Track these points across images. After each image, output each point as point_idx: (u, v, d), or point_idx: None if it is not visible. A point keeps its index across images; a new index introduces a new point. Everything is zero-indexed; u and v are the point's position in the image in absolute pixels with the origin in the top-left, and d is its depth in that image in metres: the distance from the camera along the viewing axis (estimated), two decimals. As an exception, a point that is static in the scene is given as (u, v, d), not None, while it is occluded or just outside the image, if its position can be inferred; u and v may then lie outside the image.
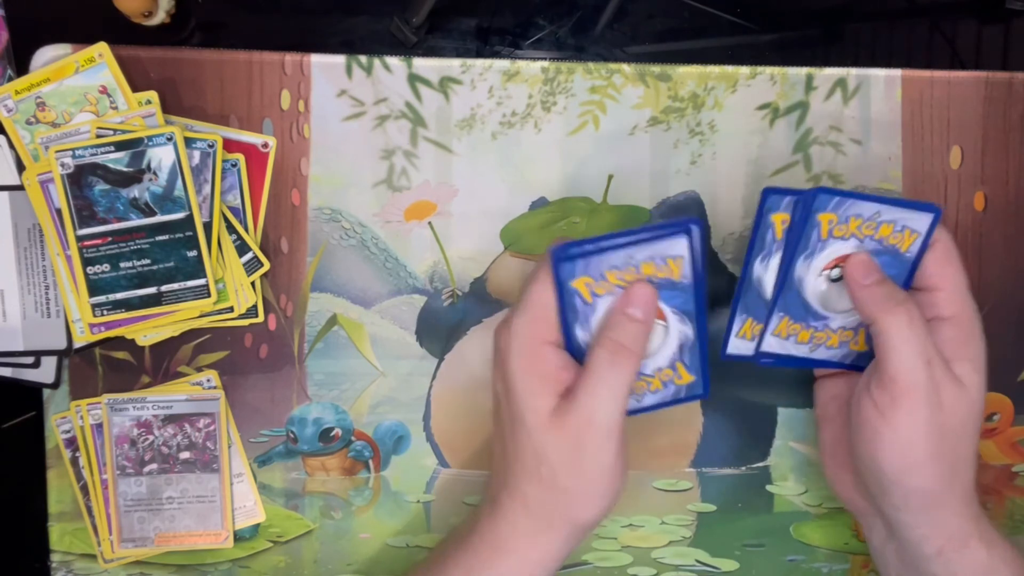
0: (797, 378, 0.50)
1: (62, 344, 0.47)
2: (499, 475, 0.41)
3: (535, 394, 0.39)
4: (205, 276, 0.46)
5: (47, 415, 0.48)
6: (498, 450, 0.42)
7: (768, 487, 0.51)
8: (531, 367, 0.39)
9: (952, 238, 0.42)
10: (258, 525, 0.50)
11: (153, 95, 0.46)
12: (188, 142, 0.45)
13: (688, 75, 0.48)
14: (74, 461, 0.49)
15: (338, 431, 0.50)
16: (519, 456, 0.40)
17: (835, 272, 0.41)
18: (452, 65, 0.47)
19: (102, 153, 0.44)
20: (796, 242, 0.41)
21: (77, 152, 0.44)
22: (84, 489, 0.49)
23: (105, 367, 0.48)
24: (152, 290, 0.46)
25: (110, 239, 0.45)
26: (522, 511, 0.40)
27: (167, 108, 0.46)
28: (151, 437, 0.48)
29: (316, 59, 0.47)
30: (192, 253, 0.45)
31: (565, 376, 0.39)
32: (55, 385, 0.48)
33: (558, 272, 0.38)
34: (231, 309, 0.47)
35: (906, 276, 0.42)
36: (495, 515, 0.41)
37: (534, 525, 0.40)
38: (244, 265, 0.47)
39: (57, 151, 0.44)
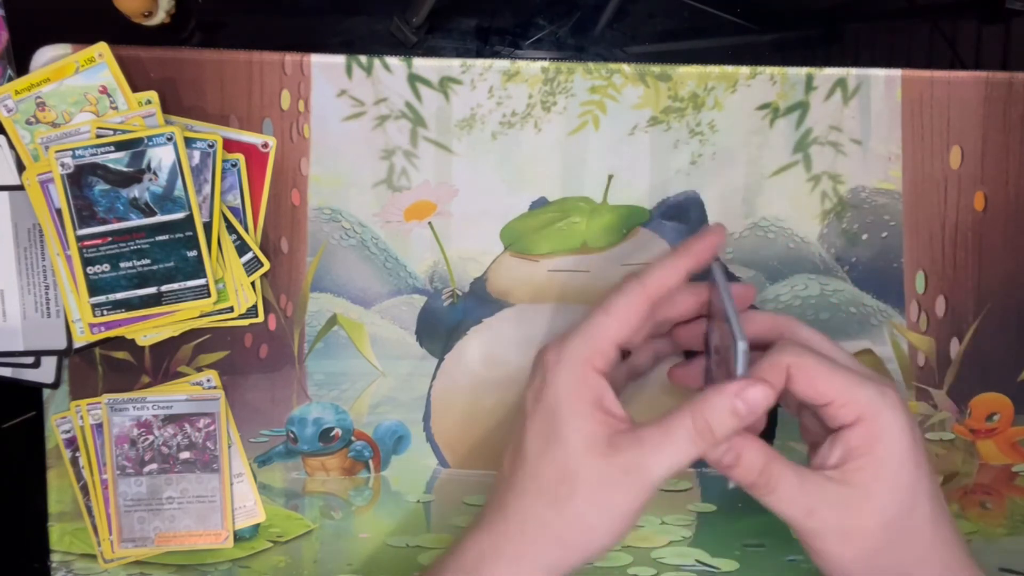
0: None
1: (62, 344, 0.47)
2: (500, 494, 0.40)
3: (583, 416, 0.38)
4: (205, 276, 0.46)
5: (47, 415, 0.48)
6: (506, 466, 0.40)
7: (768, 487, 0.51)
8: (581, 390, 0.38)
9: (803, 350, 0.39)
10: (258, 525, 0.50)
11: (153, 95, 0.46)
12: (188, 142, 0.45)
13: (688, 75, 0.48)
14: (74, 461, 0.49)
15: (338, 431, 0.50)
16: (539, 474, 0.38)
17: None
18: (452, 65, 0.47)
19: (102, 153, 0.44)
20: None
21: (77, 152, 0.44)
22: (84, 489, 0.49)
23: (105, 367, 0.48)
24: (152, 290, 0.46)
25: (110, 239, 0.45)
26: (516, 530, 0.38)
27: (167, 108, 0.46)
28: (151, 437, 0.48)
29: (316, 59, 0.47)
30: (192, 253, 0.45)
31: (610, 407, 0.39)
32: (55, 385, 0.48)
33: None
34: (231, 309, 0.47)
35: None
36: (478, 531, 0.40)
37: (520, 549, 0.38)
38: (244, 265, 0.47)
39: (57, 151, 0.44)
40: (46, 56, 0.46)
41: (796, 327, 0.42)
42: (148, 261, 0.45)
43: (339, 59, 0.47)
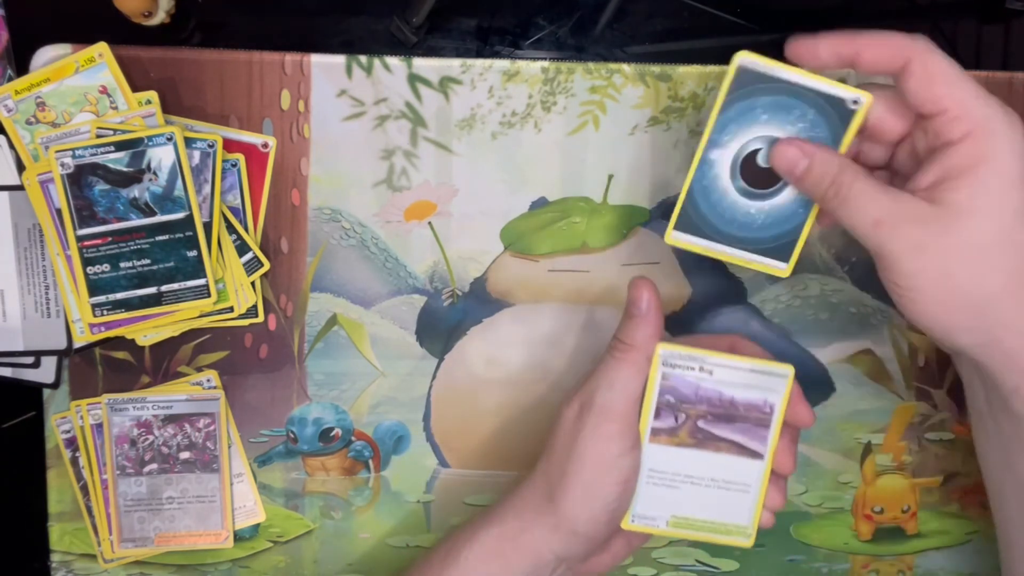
0: (797, 378, 0.50)
1: (62, 344, 0.47)
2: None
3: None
4: (205, 276, 0.46)
5: (47, 415, 0.48)
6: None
7: (768, 487, 0.51)
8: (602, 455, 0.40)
9: (935, 48, 0.36)
10: (258, 525, 0.50)
11: (153, 95, 0.46)
12: (188, 142, 0.45)
13: (688, 75, 0.48)
14: (74, 461, 0.49)
15: (338, 431, 0.50)
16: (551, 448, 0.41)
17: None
18: (452, 65, 0.47)
19: (102, 153, 0.44)
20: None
21: (77, 152, 0.44)
22: (84, 489, 0.49)
23: (105, 367, 0.48)
24: (152, 290, 0.46)
25: (110, 239, 0.45)
26: (527, 487, 0.41)
27: (167, 108, 0.46)
28: (151, 437, 0.48)
29: (316, 59, 0.47)
30: (192, 253, 0.45)
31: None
32: (55, 385, 0.48)
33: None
34: (231, 309, 0.47)
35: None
36: (502, 501, 0.42)
37: (527, 504, 0.41)
38: (244, 265, 0.47)
39: (57, 151, 0.44)
40: (46, 56, 0.46)
41: (928, 45, 0.37)
42: (148, 261, 0.45)
43: (339, 59, 0.47)
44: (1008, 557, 0.42)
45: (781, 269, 0.41)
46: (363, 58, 0.47)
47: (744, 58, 0.38)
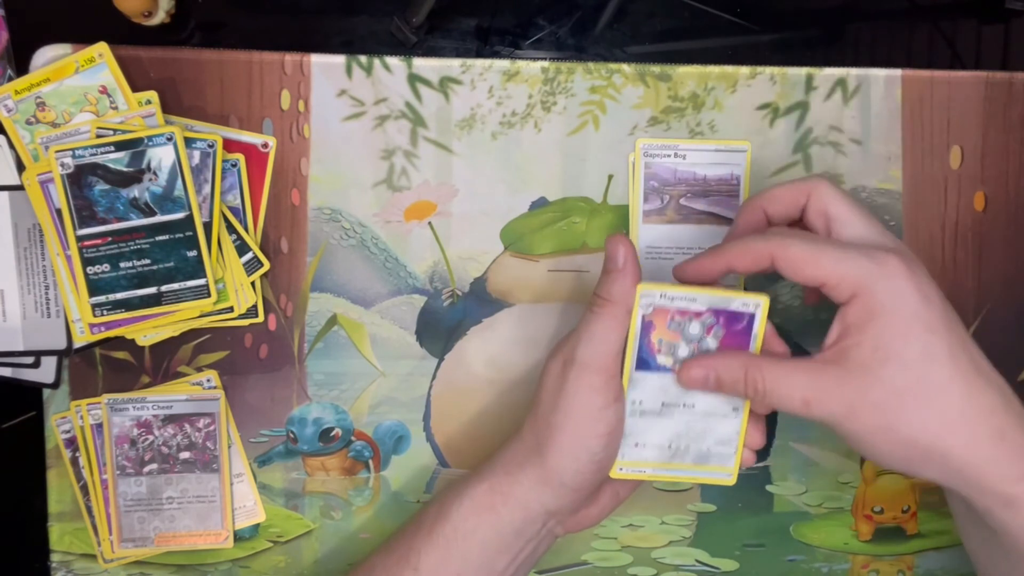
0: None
1: (62, 344, 0.47)
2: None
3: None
4: (205, 276, 0.46)
5: (47, 415, 0.48)
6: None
7: (768, 487, 0.51)
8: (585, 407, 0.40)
9: (789, 234, 0.38)
10: (258, 525, 0.50)
11: (153, 95, 0.46)
12: (188, 142, 0.45)
13: (688, 75, 0.48)
14: (74, 461, 0.49)
15: (338, 431, 0.50)
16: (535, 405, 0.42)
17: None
18: (452, 65, 0.47)
19: (102, 153, 0.44)
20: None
21: (77, 152, 0.44)
22: (84, 489, 0.49)
23: (105, 367, 0.48)
24: (152, 290, 0.46)
25: (110, 239, 0.45)
26: (515, 443, 0.43)
27: (167, 108, 0.46)
28: (151, 437, 0.48)
29: (316, 59, 0.47)
30: (192, 253, 0.45)
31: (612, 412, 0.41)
32: (55, 385, 0.48)
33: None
34: (231, 309, 0.47)
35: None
36: (493, 457, 0.43)
37: (514, 459, 0.42)
38: (244, 265, 0.47)
39: (57, 151, 0.44)
40: (46, 56, 0.46)
41: (822, 190, 0.39)
42: (148, 261, 0.45)
43: (339, 59, 0.47)
44: None
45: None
46: (363, 58, 0.47)
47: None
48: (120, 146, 0.44)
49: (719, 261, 0.39)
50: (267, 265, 0.47)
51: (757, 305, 0.40)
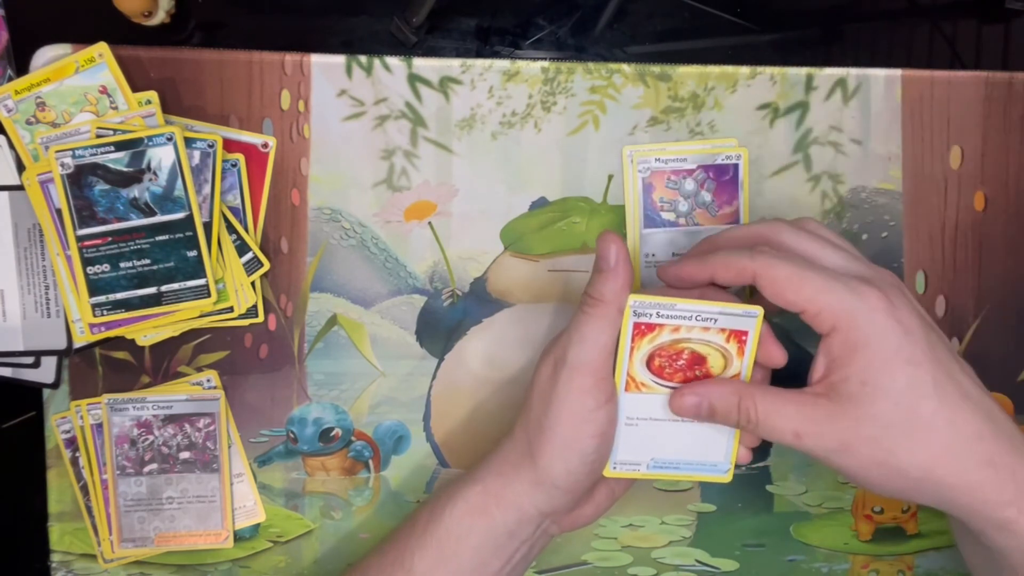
0: (797, 378, 0.50)
1: (62, 344, 0.47)
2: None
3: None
4: (205, 276, 0.46)
5: (47, 415, 0.48)
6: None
7: (768, 487, 0.51)
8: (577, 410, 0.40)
9: (773, 259, 0.38)
10: (258, 525, 0.50)
11: (153, 95, 0.46)
12: (188, 142, 0.45)
13: (688, 75, 0.48)
14: (74, 461, 0.49)
15: (338, 431, 0.50)
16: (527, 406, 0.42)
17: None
18: (452, 65, 0.47)
19: (102, 153, 0.44)
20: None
21: (77, 152, 0.44)
22: (84, 489, 0.49)
23: (105, 367, 0.48)
24: (152, 290, 0.46)
25: (110, 239, 0.45)
26: (507, 445, 0.43)
27: (167, 108, 0.46)
28: (151, 437, 0.48)
29: (316, 59, 0.47)
30: (192, 253, 0.45)
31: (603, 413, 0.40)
32: (55, 385, 0.48)
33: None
34: (231, 309, 0.47)
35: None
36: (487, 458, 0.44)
37: (507, 461, 0.42)
38: (244, 265, 0.47)
39: (57, 151, 0.44)
40: (46, 56, 0.46)
41: (779, 232, 0.40)
42: (148, 261, 0.45)
43: (339, 59, 0.47)
44: None
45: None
46: (363, 58, 0.47)
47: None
48: (120, 146, 0.44)
49: (703, 270, 0.40)
50: (267, 265, 0.47)
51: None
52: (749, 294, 0.49)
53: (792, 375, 0.45)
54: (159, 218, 0.45)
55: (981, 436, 0.36)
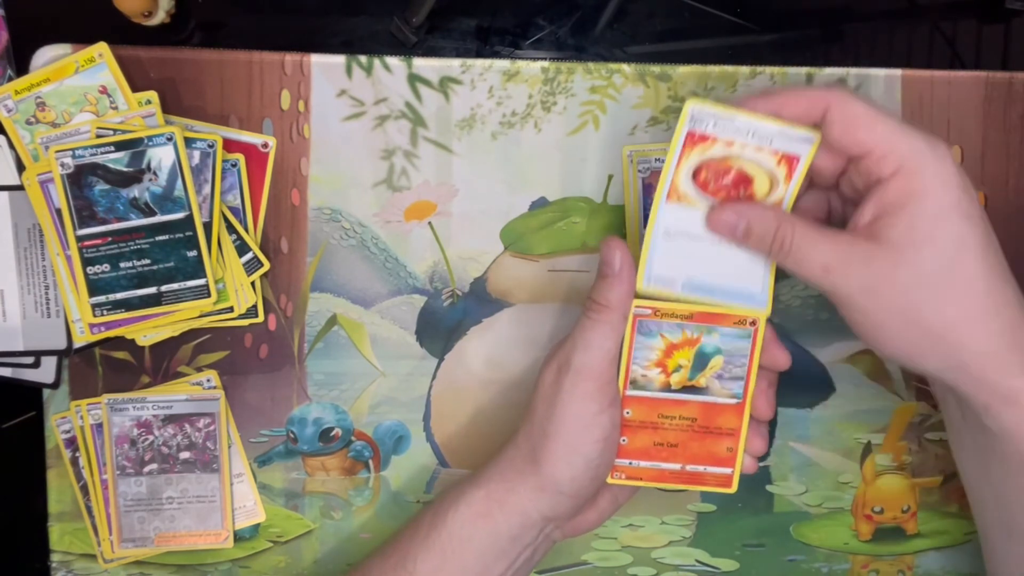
0: (797, 378, 0.50)
1: (62, 344, 0.47)
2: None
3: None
4: (205, 276, 0.46)
5: (47, 415, 0.48)
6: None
7: (768, 487, 0.51)
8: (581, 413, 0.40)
9: (850, 94, 0.36)
10: (258, 525, 0.50)
11: (153, 95, 0.46)
12: (188, 142, 0.45)
13: (688, 75, 0.48)
14: (74, 461, 0.49)
15: (338, 431, 0.50)
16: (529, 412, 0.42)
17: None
18: (452, 65, 0.47)
19: (102, 153, 0.44)
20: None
21: (77, 152, 0.44)
22: (84, 489, 0.49)
23: (105, 367, 0.48)
24: (152, 290, 0.46)
25: (110, 239, 0.45)
26: (510, 449, 0.42)
27: (167, 108, 0.46)
28: (151, 437, 0.48)
29: (316, 59, 0.47)
30: (192, 253, 0.45)
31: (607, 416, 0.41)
32: (55, 385, 0.48)
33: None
34: (231, 309, 0.47)
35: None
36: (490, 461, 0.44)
37: (511, 466, 0.42)
38: (244, 265, 0.47)
39: (57, 151, 0.44)
40: (46, 56, 0.46)
41: (844, 89, 0.38)
42: (148, 261, 0.45)
43: (339, 59, 0.47)
44: (991, 559, 0.43)
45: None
46: (363, 58, 0.47)
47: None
48: (120, 146, 0.44)
49: (769, 103, 0.38)
50: (267, 265, 0.47)
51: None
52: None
53: (792, 373, 0.45)
54: (159, 218, 0.45)
55: (1009, 303, 0.36)
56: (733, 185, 0.39)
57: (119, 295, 0.46)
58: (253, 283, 0.47)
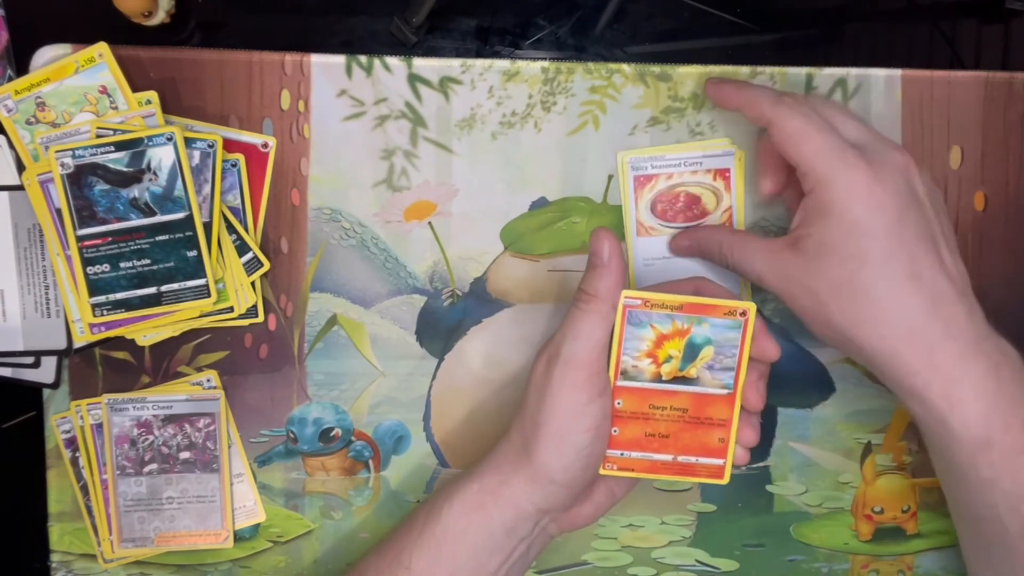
0: (797, 378, 0.50)
1: (62, 344, 0.47)
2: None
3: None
4: (205, 276, 0.46)
5: (47, 415, 0.48)
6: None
7: (768, 487, 0.51)
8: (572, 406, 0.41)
9: (792, 110, 0.41)
10: (258, 525, 0.50)
11: (153, 95, 0.46)
12: (188, 142, 0.45)
13: (688, 75, 0.48)
14: (74, 461, 0.49)
15: (338, 431, 0.50)
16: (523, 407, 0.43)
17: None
18: (452, 65, 0.47)
19: (102, 153, 0.44)
20: None
21: (77, 152, 0.44)
22: (84, 489, 0.49)
23: (105, 367, 0.48)
24: (152, 290, 0.46)
25: (110, 239, 0.45)
26: (504, 443, 0.43)
27: (167, 108, 0.46)
28: (151, 437, 0.48)
29: (316, 59, 0.47)
30: (192, 253, 0.45)
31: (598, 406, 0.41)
32: (55, 385, 0.48)
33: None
34: (231, 309, 0.47)
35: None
36: (485, 457, 0.44)
37: (504, 459, 0.42)
38: (244, 265, 0.47)
39: (57, 151, 0.44)
40: (46, 56, 0.46)
41: (813, 96, 0.44)
42: (148, 261, 0.45)
43: (339, 59, 0.47)
44: (970, 566, 0.45)
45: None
46: (363, 58, 0.47)
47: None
48: (120, 146, 0.44)
49: (737, 98, 0.43)
50: (267, 265, 0.47)
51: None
52: (752, 293, 0.49)
53: (792, 373, 0.45)
54: (159, 218, 0.45)
55: (910, 312, 0.39)
56: (686, 207, 0.47)
57: (119, 295, 0.46)
58: (253, 283, 0.47)
